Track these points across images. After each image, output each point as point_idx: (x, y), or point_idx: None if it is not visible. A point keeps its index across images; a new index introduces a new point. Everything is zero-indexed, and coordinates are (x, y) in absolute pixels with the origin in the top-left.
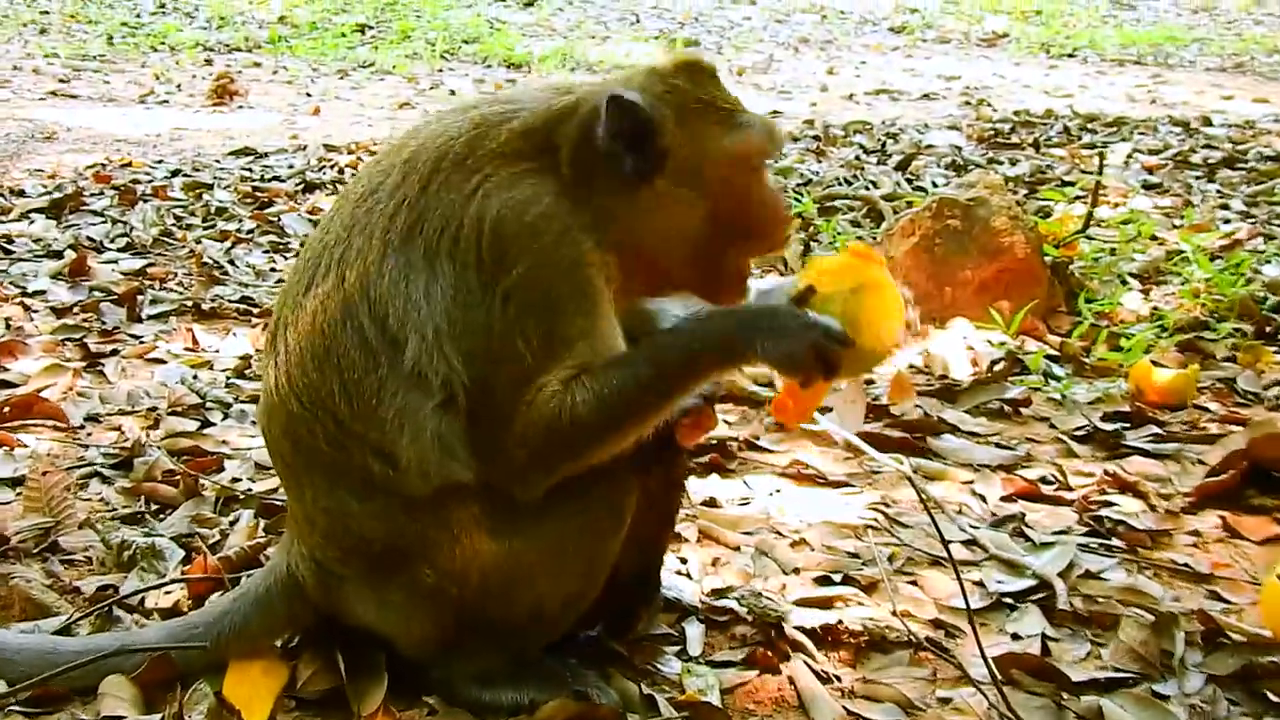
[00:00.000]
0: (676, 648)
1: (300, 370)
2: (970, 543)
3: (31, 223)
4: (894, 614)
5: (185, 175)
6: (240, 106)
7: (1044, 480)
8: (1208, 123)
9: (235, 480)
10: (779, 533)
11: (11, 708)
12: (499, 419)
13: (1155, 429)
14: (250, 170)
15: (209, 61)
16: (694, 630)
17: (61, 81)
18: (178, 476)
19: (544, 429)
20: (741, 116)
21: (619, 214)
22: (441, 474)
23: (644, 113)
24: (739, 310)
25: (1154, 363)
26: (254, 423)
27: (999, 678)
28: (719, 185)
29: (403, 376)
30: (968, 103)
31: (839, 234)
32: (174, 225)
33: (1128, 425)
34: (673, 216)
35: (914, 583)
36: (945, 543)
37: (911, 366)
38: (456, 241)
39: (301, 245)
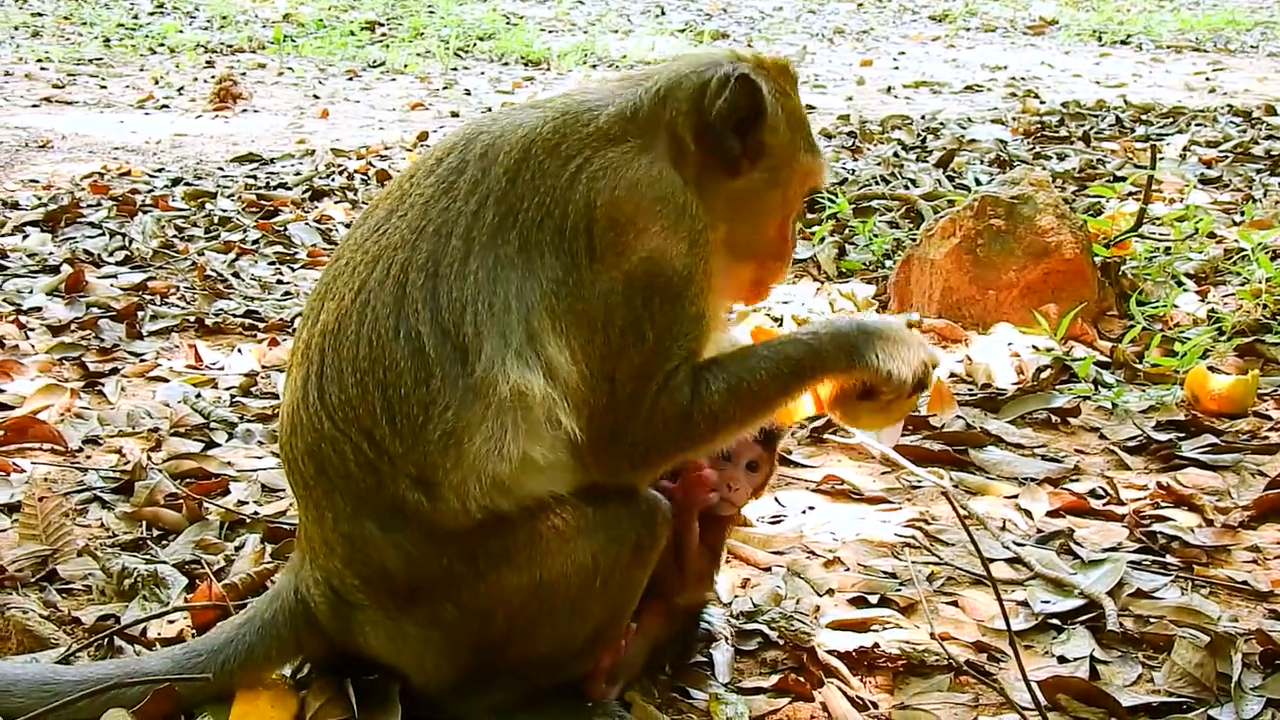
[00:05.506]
0: (704, 674)
1: (337, 385)
2: (1014, 561)
3: (26, 236)
4: (932, 636)
5: (187, 184)
6: (244, 110)
7: (1093, 494)
8: (1271, 112)
9: (241, 503)
10: (812, 552)
11: None
12: (619, 409)
13: (1212, 438)
14: (255, 177)
15: (211, 63)
16: (722, 656)
17: (56, 87)
18: (180, 500)
19: (674, 417)
20: (815, 139)
21: (715, 196)
22: (484, 504)
23: (765, 101)
24: (859, 318)
25: (1211, 368)
26: (260, 443)
27: (1044, 703)
28: (788, 195)
29: (463, 391)
30: (1013, 94)
31: (875, 236)
32: (175, 236)
33: (1183, 435)
34: (752, 209)
35: (954, 603)
36: (985, 561)
37: (953, 375)
38: (561, 231)
39: (333, 250)
